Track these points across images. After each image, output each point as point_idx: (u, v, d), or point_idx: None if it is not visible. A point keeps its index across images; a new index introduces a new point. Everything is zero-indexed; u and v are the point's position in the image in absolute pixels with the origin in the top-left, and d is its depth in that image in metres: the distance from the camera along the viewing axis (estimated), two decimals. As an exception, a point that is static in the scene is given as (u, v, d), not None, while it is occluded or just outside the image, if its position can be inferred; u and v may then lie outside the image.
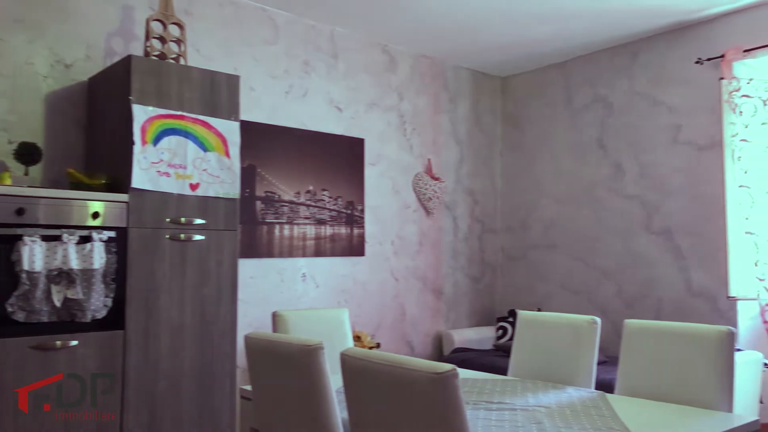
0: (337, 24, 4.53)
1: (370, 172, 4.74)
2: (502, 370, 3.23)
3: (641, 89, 4.79)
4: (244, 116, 3.77)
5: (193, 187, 3.13)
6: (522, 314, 3.12)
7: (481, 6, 4.19)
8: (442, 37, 4.77)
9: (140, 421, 2.90)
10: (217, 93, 3.25)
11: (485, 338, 5.11)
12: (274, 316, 3.02)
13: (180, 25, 3.36)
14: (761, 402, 3.98)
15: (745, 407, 3.65)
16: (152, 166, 2.99)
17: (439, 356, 5.00)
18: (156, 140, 3.01)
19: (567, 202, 5.23)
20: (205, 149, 3.18)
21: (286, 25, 4.32)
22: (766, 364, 4.01)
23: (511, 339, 4.75)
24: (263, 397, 2.36)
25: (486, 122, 5.66)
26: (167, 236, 3.04)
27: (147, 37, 3.24)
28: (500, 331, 5.05)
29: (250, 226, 4.04)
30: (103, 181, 2.98)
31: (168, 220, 3.04)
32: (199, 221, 3.14)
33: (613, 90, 4.96)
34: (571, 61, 5.26)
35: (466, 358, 4.58)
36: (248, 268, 4.00)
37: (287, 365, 2.18)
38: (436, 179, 5.14)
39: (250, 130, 3.95)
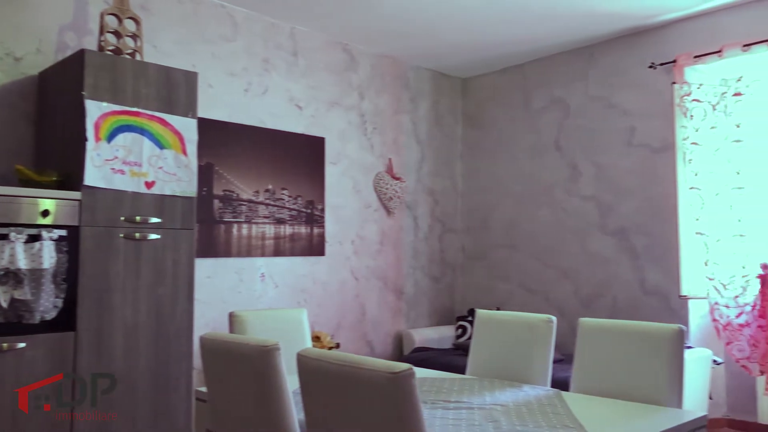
0: (297, 22, 4.50)
1: (330, 171, 4.72)
2: (461, 369, 3.25)
3: (597, 92, 4.88)
4: (202, 114, 3.71)
5: (149, 185, 3.07)
6: (480, 313, 3.14)
7: (440, 7, 4.21)
8: (403, 37, 4.78)
9: (92, 423, 2.83)
10: (175, 90, 3.19)
11: (445, 337, 5.14)
12: (231, 317, 2.98)
13: (136, 20, 3.29)
14: (710, 398, 4.10)
15: (695, 403, 3.75)
16: (106, 164, 2.92)
17: (399, 356, 5.01)
18: (110, 137, 2.94)
19: (526, 203, 5.30)
20: (161, 147, 3.12)
21: (246, 22, 4.27)
22: (715, 361, 4.13)
23: (470, 338, 4.77)
24: (219, 399, 2.33)
25: (447, 123, 5.69)
26: (121, 235, 2.97)
27: (101, 32, 3.16)
28: (460, 330, 5.09)
29: (207, 225, 3.98)
30: (54, 178, 2.90)
31: (122, 218, 2.98)
32: (154, 220, 3.08)
33: (570, 93, 5.05)
34: (529, 64, 5.33)
35: (426, 357, 4.60)
36: (205, 268, 3.95)
37: (243, 366, 2.16)
38: (397, 179, 5.16)
39: (208, 127, 3.89)
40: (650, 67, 4.52)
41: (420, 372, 3.03)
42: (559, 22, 4.48)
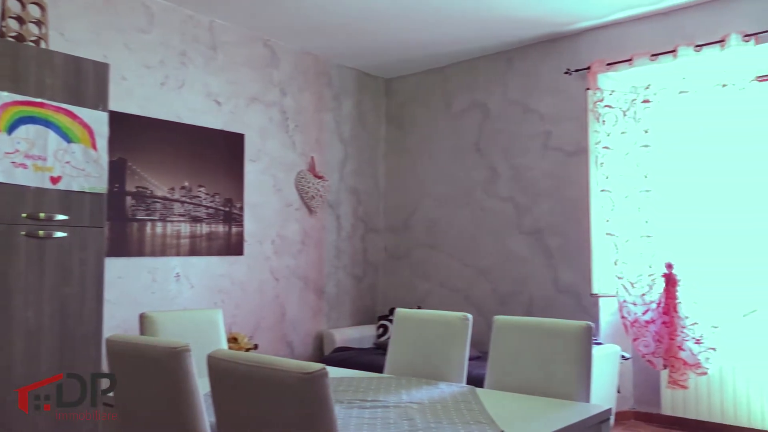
0: (216, 15, 4.39)
1: (250, 169, 4.63)
2: (382, 369, 3.25)
3: (515, 96, 5.01)
4: (114, 107, 3.56)
5: (55, 180, 2.91)
6: (399, 312, 3.16)
7: (362, 6, 4.21)
8: (326, 35, 4.75)
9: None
10: (83, 81, 3.04)
11: (366, 337, 5.15)
12: (141, 318, 2.87)
13: (41, 6, 3.12)
14: (618, 391, 4.28)
15: (604, 397, 3.91)
16: (6, 157, 2.75)
17: (320, 356, 4.98)
18: (11, 129, 2.77)
19: (447, 203, 5.37)
20: (68, 140, 2.97)
21: (162, 13, 4.13)
22: (623, 357, 4.31)
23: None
24: (127, 404, 2.23)
25: (370, 122, 5.70)
26: (23, 233, 2.80)
27: (2, 17, 2.98)
28: (381, 330, 5.11)
29: (119, 222, 3.83)
30: (-53, 172, 2.70)
31: (24, 215, 2.81)
32: (61, 217, 2.92)
33: (490, 96, 5.16)
34: (450, 67, 5.41)
35: (347, 357, 4.59)
36: (117, 268, 3.79)
37: (152, 369, 2.08)
38: (320, 177, 5.12)
39: (120, 121, 3.74)
40: (566, 73, 4.68)
41: (339, 372, 3.01)
42: (479, 26, 4.56)
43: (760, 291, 3.98)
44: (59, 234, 2.92)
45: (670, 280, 4.11)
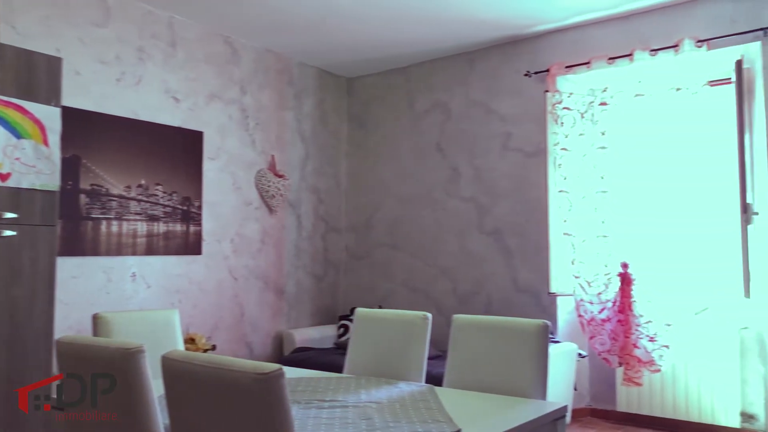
0: (175, 11, 4.31)
1: (209, 167, 4.57)
2: (342, 368, 3.24)
3: (476, 97, 5.05)
4: (67, 102, 3.48)
5: (3, 177, 2.83)
6: (358, 312, 3.15)
7: (323, 4, 4.18)
8: (288, 32, 4.71)
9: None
10: (35, 75, 2.96)
11: (327, 337, 5.12)
12: (95, 319, 2.80)
13: (-10, -3, 3.02)
14: (575, 389, 4.35)
15: (561, 394, 3.97)
16: (-49, 152, 2.65)
17: (280, 356, 4.94)
18: (-43, 123, 2.68)
19: (409, 203, 5.38)
20: (18, 136, 2.88)
21: (119, 7, 4.04)
22: (580, 354, 4.38)
23: (351, 337, 4.79)
24: (79, 407, 2.17)
25: (332, 121, 5.67)
26: (-31, 231, 2.71)
27: (-52, 7, 2.88)
28: (342, 330, 5.09)
29: (72, 221, 3.73)
30: None
31: (-30, 213, 2.72)
32: (9, 215, 2.84)
33: (452, 97, 5.19)
34: (412, 67, 5.43)
35: (307, 357, 4.56)
36: (70, 267, 3.69)
37: (105, 371, 2.02)
38: (280, 176, 5.07)
39: (75, 117, 3.65)
40: (526, 75, 4.73)
41: (299, 372, 2.99)
42: (441, 27, 4.58)
43: (711, 290, 4.10)
44: (8, 233, 2.83)
45: (626, 280, 4.20)
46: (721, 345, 4.06)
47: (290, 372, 2.54)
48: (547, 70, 4.58)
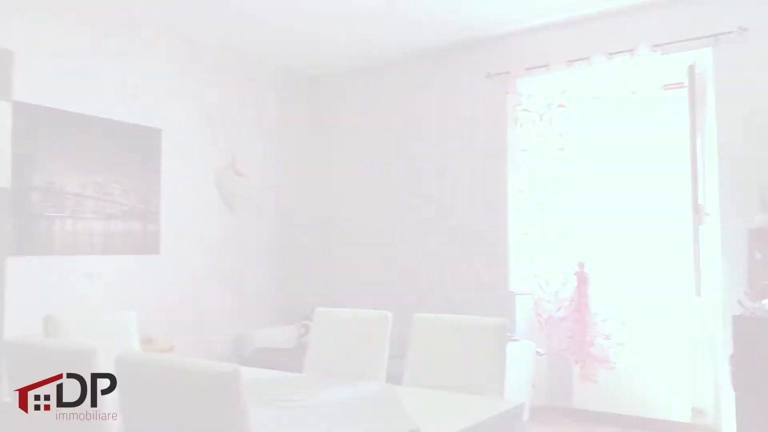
0: (135, 6, 4.22)
1: (168, 165, 4.49)
2: (302, 368, 3.23)
3: (440, 98, 5.08)
4: (19, 97, 3.38)
5: (-49, 173, 2.74)
6: (318, 311, 3.14)
7: (286, 3, 4.15)
8: (250, 30, 4.67)
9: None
10: (-16, 68, 2.88)
11: (288, 337, 5.09)
12: (47, 320, 2.73)
13: (-63, -13, 2.92)
14: (534, 386, 4.41)
15: (519, 391, 4.01)
16: None
17: (240, 357, 4.89)
18: None
19: (371, 203, 5.39)
20: (-33, 131, 2.79)
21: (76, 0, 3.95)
22: (538, 352, 4.45)
23: (312, 337, 4.77)
24: (27, 411, 2.12)
25: (294, 120, 5.64)
26: None
27: None
28: (303, 330, 5.06)
29: (24, 219, 3.62)
30: None
31: None
32: (-43, 213, 2.75)
33: (414, 97, 5.20)
34: (375, 67, 5.43)
35: (267, 357, 4.53)
36: (21, 267, 3.58)
37: (56, 373, 1.98)
38: (241, 175, 5.02)
39: (27, 113, 3.55)
40: (487, 76, 4.77)
41: (259, 372, 2.97)
42: (404, 27, 4.59)
43: (665, 289, 4.21)
44: (-44, 231, 2.74)
45: (582, 279, 4.27)
46: (673, 343, 4.16)
47: (250, 372, 2.52)
48: (508, 72, 4.63)
